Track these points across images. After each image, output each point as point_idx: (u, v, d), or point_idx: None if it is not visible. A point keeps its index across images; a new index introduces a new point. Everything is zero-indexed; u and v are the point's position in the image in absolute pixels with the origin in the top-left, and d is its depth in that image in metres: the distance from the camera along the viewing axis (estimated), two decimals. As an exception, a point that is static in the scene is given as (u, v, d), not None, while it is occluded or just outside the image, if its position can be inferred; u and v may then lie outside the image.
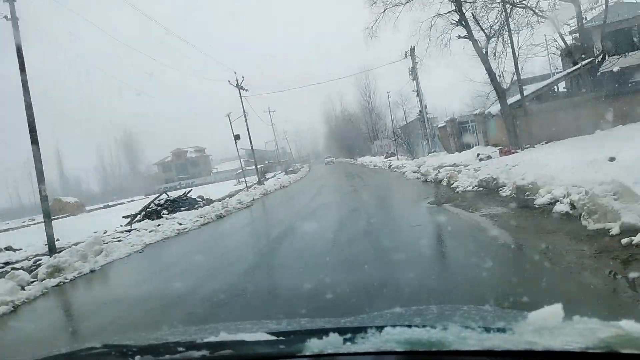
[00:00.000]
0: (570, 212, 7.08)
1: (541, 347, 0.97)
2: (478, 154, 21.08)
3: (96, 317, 6.04)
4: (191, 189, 29.41)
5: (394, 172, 25.94)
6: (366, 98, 77.95)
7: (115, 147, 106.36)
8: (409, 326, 1.21)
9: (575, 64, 23.13)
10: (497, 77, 20.77)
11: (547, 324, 1.10)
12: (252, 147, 38.71)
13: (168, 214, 22.95)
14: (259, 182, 36.69)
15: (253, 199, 24.24)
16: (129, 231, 17.53)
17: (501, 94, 20.41)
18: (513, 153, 19.23)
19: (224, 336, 1.41)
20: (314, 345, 1.18)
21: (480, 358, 1.02)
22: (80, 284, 8.80)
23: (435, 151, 32.56)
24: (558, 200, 7.83)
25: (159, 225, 17.04)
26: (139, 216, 24.23)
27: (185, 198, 27.48)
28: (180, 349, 1.28)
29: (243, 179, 41.93)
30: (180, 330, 2.17)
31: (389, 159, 44.80)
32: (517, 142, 20.17)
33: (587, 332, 1.02)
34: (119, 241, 13.66)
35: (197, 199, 27.76)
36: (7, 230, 37.43)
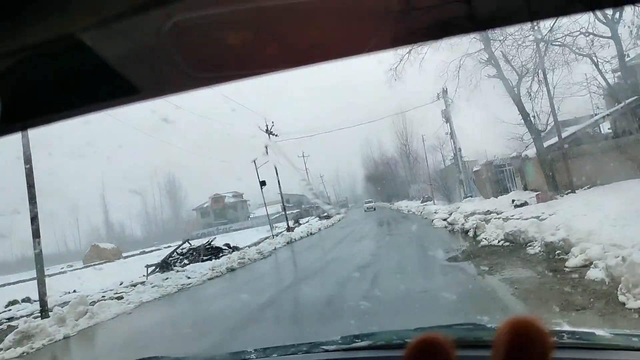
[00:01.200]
0: (607, 279, 5.69)
1: None
2: (513, 200, 19.48)
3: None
4: (215, 237, 28.73)
5: (424, 219, 24.46)
6: (402, 141, 77.04)
7: (159, 193, 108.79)
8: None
9: (618, 102, 21.45)
10: (532, 118, 19.35)
11: None
12: (281, 192, 38.07)
13: (182, 266, 22.10)
14: (288, 229, 35.73)
15: (275, 248, 23.22)
16: (143, 283, 16.78)
17: (536, 135, 18.95)
18: (552, 199, 17.58)
19: None
20: None
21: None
22: (45, 355, 7.88)
23: (471, 196, 30.87)
24: (593, 263, 6.44)
25: (166, 278, 16.18)
26: (155, 267, 23.62)
27: (208, 246, 26.79)
28: None
29: (270, 226, 41.27)
30: None
31: (425, 203, 43.19)
32: (557, 187, 18.51)
33: None
34: (118, 298, 12.83)
35: (223, 247, 26.95)
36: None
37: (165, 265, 23.57)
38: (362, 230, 25.40)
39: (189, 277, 15.87)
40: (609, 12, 20.53)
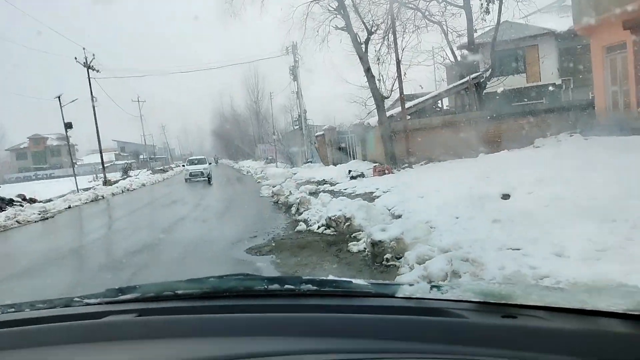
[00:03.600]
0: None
1: (590, 307, 1.05)
2: (350, 171, 17.81)
3: None
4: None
5: (257, 184, 21.93)
6: (253, 98, 74.49)
7: None
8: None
9: (462, 77, 20.89)
10: (377, 82, 17.62)
11: (596, 285, 1.39)
12: (99, 138, 32.64)
13: None
14: (105, 182, 30.73)
15: (69, 207, 18.88)
16: None
17: (380, 101, 17.27)
18: (388, 173, 16.13)
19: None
20: (406, 289, 1.27)
21: (541, 312, 1.08)
22: None
23: (311, 162, 29.20)
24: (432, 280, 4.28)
25: None
26: None
27: (-2, 198, 21.25)
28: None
29: (100, 175, 35.64)
30: None
31: (267, 165, 41.04)
32: (395, 160, 17.16)
33: (627, 295, 1.12)
34: None
35: (15, 199, 21.50)
36: None
37: None
38: (182, 192, 22.09)
39: None
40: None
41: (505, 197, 8.69)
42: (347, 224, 7.13)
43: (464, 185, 9.85)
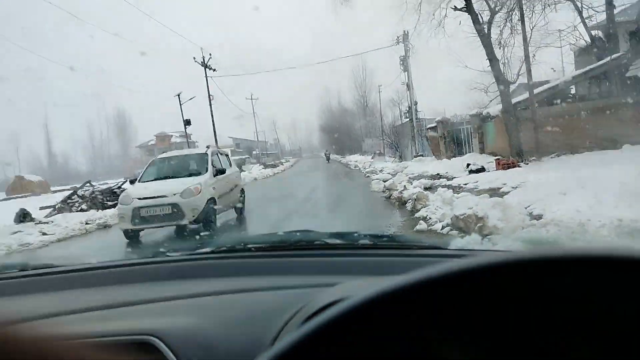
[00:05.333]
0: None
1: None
2: (468, 164, 16.37)
3: None
4: (125, 181, 24.62)
5: (366, 178, 21.24)
6: (361, 93, 74.48)
7: (107, 127, 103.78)
8: None
9: (599, 60, 18.41)
10: (502, 65, 15.97)
11: (638, 227, 2.20)
12: (215, 135, 34.01)
13: (79, 211, 18.86)
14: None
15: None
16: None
17: (505, 86, 15.61)
18: (514, 166, 14.52)
19: None
20: (458, 242, 1.45)
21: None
22: None
23: (422, 155, 27.86)
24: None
25: (16, 232, 12.23)
26: (53, 209, 20.25)
27: (116, 190, 22.83)
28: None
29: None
30: None
31: (376, 158, 40.36)
32: (520, 152, 15.45)
33: None
34: None
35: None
36: None
37: (62, 208, 20.22)
38: (291, 186, 21.98)
39: (44, 233, 12.04)
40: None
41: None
42: (478, 224, 6.09)
43: (613, 182, 8.30)
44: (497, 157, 16.27)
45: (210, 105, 32.57)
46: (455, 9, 15.64)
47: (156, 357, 0.91)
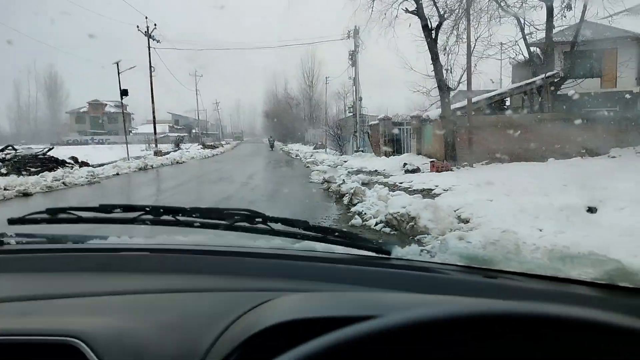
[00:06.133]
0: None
1: (563, 275, 1.17)
2: (405, 164, 16.86)
3: None
4: (52, 147, 23.45)
5: (305, 168, 21.34)
6: (308, 82, 74.47)
7: (35, 88, 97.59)
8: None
9: (534, 75, 19.44)
10: (445, 72, 16.52)
11: (570, 254, 1.29)
12: (153, 109, 32.93)
13: None
14: (155, 153, 31.01)
15: (117, 173, 18.95)
16: None
17: (445, 91, 16.16)
18: (447, 170, 15.11)
19: None
20: (398, 251, 1.37)
21: (519, 277, 1.17)
22: None
23: (362, 151, 28.33)
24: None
25: None
26: None
27: (41, 156, 21.61)
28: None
29: (152, 145, 36.16)
30: None
31: (316, 150, 40.50)
32: (454, 156, 16.09)
33: (597, 263, 1.19)
34: None
35: (68, 160, 21.87)
36: None
37: None
38: (230, 170, 21.75)
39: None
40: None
41: (592, 210, 7.68)
42: (410, 224, 6.32)
43: (538, 192, 8.86)
44: (432, 160, 16.85)
45: (151, 76, 31.52)
46: (407, 11, 15.97)
47: None
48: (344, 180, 11.40)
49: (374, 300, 0.99)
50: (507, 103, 21.79)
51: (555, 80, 19.31)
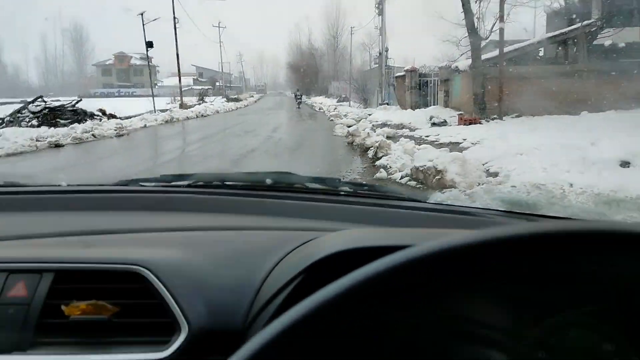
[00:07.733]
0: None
1: (607, 217, 1.62)
2: (432, 117, 16.51)
3: None
4: (80, 99, 23.58)
5: (329, 122, 21.12)
6: (332, 33, 72.75)
7: (62, 40, 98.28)
8: None
9: (570, 24, 18.52)
10: (476, 20, 15.85)
11: (616, 198, 2.00)
12: (178, 60, 32.78)
13: (30, 126, 18.02)
14: (181, 106, 31.08)
15: (145, 125, 19.07)
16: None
17: (476, 40, 15.56)
18: (475, 123, 14.74)
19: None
20: (438, 196, 1.60)
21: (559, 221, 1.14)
22: None
23: (387, 103, 27.82)
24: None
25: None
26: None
27: (71, 109, 21.85)
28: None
29: (177, 98, 36.27)
30: None
31: (340, 103, 39.99)
32: (484, 109, 15.65)
33: None
34: None
35: (96, 112, 22.11)
36: None
37: (11, 122, 19.42)
38: (254, 123, 21.60)
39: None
40: None
41: (625, 164, 7.42)
42: (437, 177, 6.20)
43: (569, 146, 8.58)
44: (460, 112, 16.44)
45: (175, 28, 31.17)
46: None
47: (143, 288, 0.87)
48: (368, 133, 11.23)
49: (422, 234, 1.00)
50: (541, 54, 20.88)
51: (592, 30, 18.37)
